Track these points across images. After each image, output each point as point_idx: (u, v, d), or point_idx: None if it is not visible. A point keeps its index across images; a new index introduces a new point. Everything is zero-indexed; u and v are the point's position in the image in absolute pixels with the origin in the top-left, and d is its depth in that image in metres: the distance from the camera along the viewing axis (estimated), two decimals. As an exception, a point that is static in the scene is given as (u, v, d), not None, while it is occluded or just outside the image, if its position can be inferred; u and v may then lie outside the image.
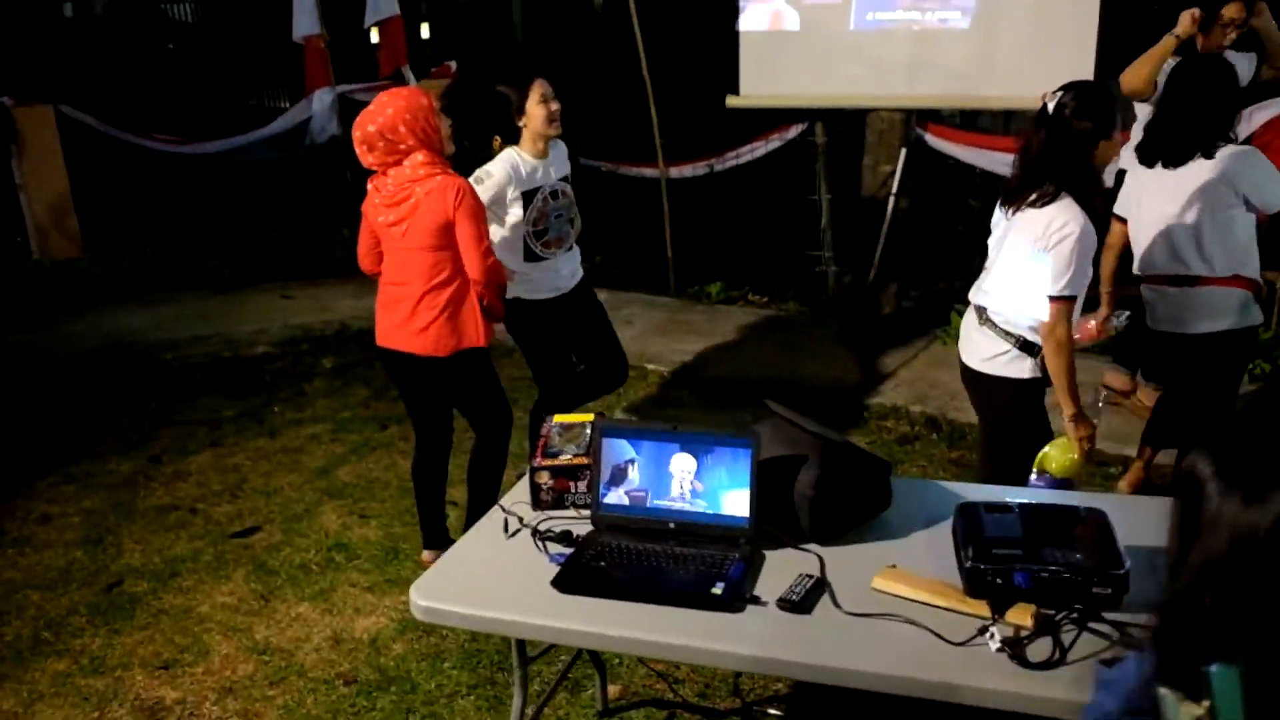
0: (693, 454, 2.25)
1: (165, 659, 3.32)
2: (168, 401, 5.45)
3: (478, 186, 3.64)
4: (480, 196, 3.64)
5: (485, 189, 3.64)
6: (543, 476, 2.44)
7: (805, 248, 6.62)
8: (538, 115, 3.70)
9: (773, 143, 6.57)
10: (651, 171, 6.92)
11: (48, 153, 7.73)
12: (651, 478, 2.29)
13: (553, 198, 3.81)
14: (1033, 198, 2.81)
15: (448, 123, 3.34)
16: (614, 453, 2.31)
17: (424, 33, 12.07)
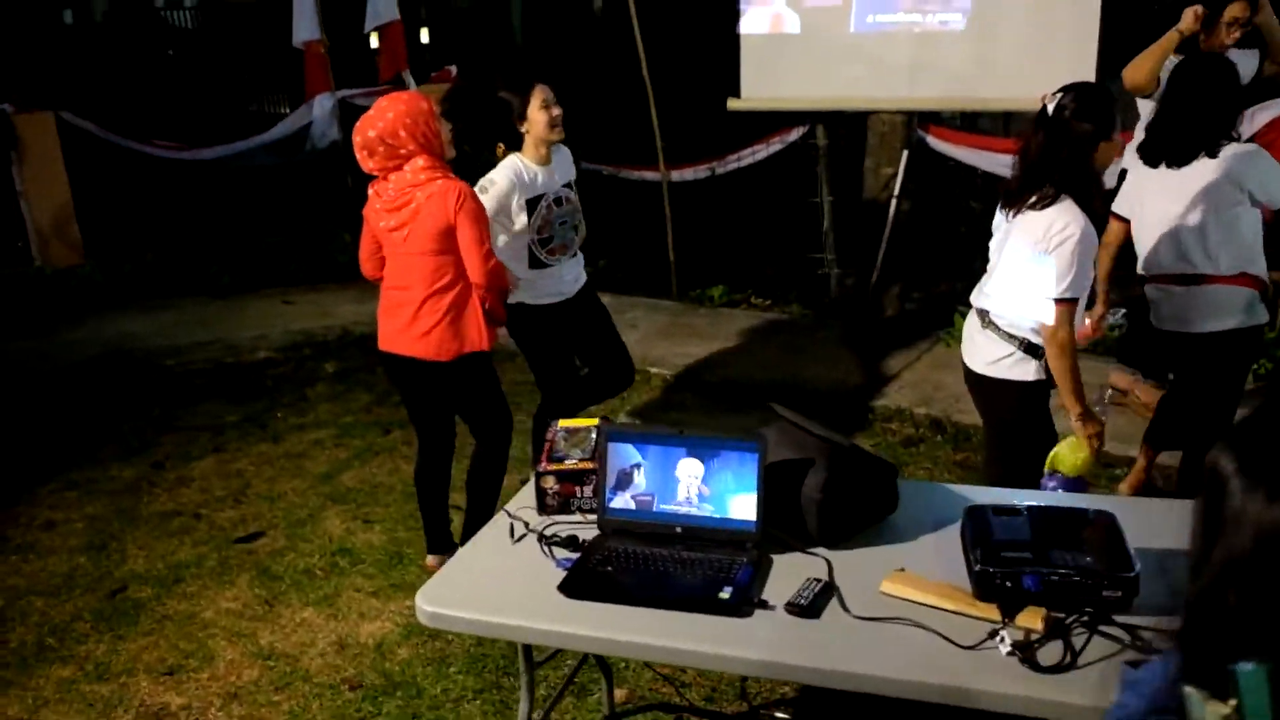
0: (699, 458, 2.25)
1: (170, 665, 3.31)
2: (170, 407, 5.45)
3: (482, 196, 3.64)
4: (485, 206, 3.64)
5: (490, 198, 3.63)
6: (548, 481, 2.43)
7: (807, 250, 6.62)
8: (539, 121, 3.69)
9: (774, 145, 6.57)
10: (653, 175, 6.92)
11: (48, 159, 7.72)
12: (658, 482, 2.29)
13: (557, 204, 3.80)
14: (1033, 200, 2.80)
15: (448, 127, 3.34)
16: (620, 457, 2.31)
17: (424, 37, 12.09)
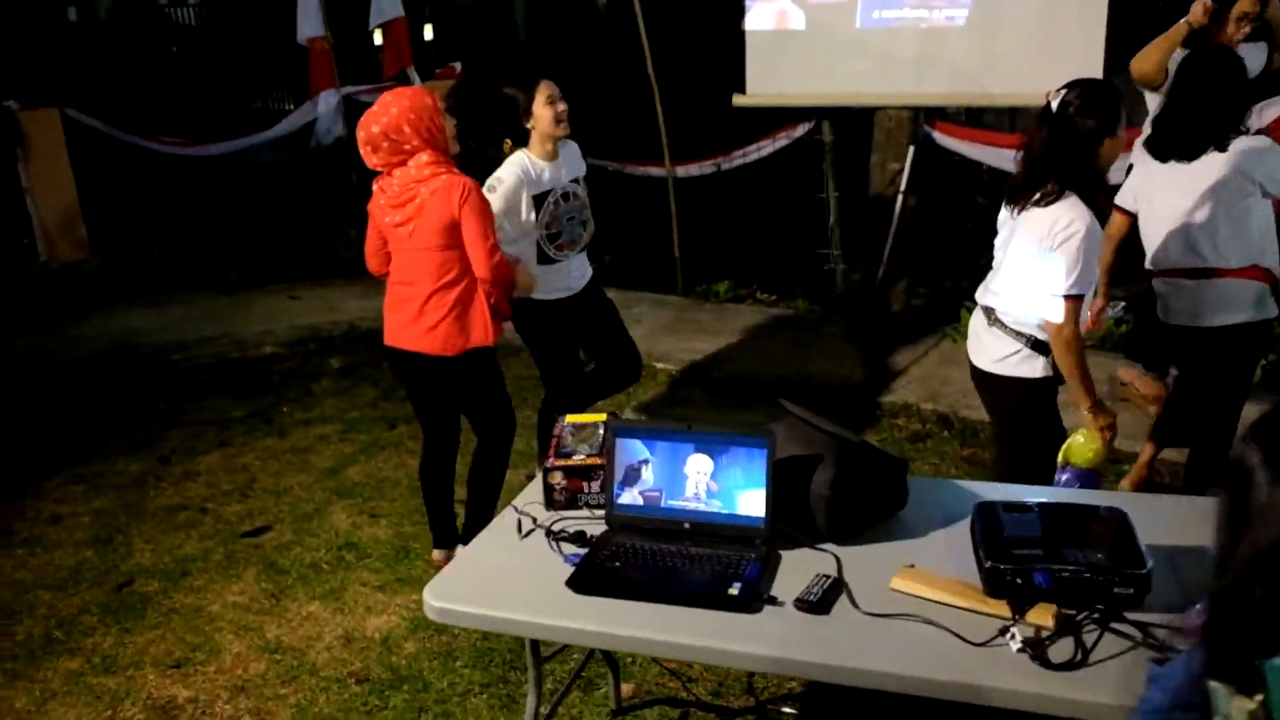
0: (708, 454, 2.24)
1: (177, 658, 3.31)
2: (176, 402, 5.45)
3: (490, 195, 3.63)
4: (494, 205, 3.62)
5: (498, 196, 3.63)
6: (556, 477, 2.43)
7: (813, 246, 6.61)
8: (545, 117, 3.69)
9: (780, 141, 6.56)
10: (658, 171, 6.91)
11: (54, 156, 7.73)
12: (666, 478, 2.28)
13: (564, 200, 3.80)
14: (1037, 197, 2.79)
15: (452, 122, 3.33)
16: (628, 453, 2.30)
17: (428, 34, 12.08)
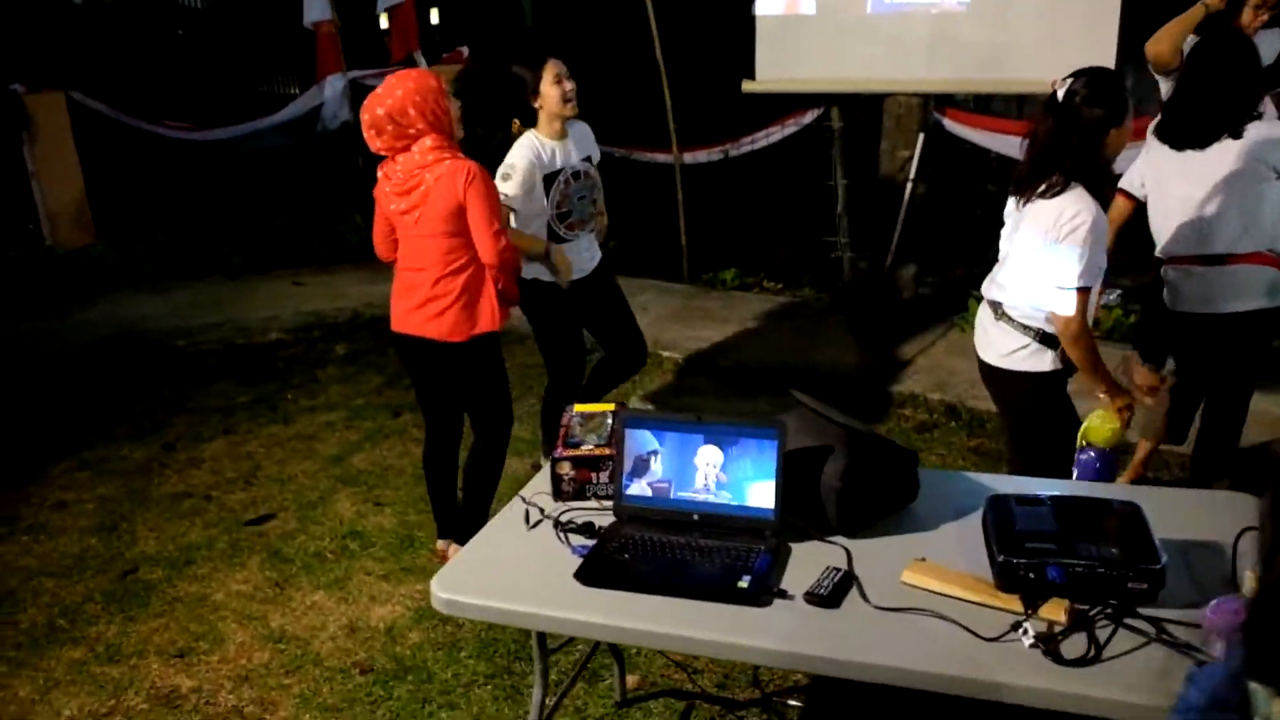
0: (718, 445, 2.21)
1: (180, 647, 3.30)
2: (181, 388, 5.44)
3: (505, 183, 3.61)
4: (512, 191, 3.61)
5: (514, 184, 3.62)
6: (564, 467, 2.40)
7: (821, 234, 6.57)
8: (552, 96, 3.66)
9: (788, 128, 6.51)
10: (665, 157, 6.88)
11: (59, 140, 7.72)
12: (675, 469, 2.25)
13: (574, 179, 3.78)
14: (1042, 188, 2.75)
15: (457, 105, 3.29)
16: (637, 443, 2.28)
17: (434, 18, 12.02)
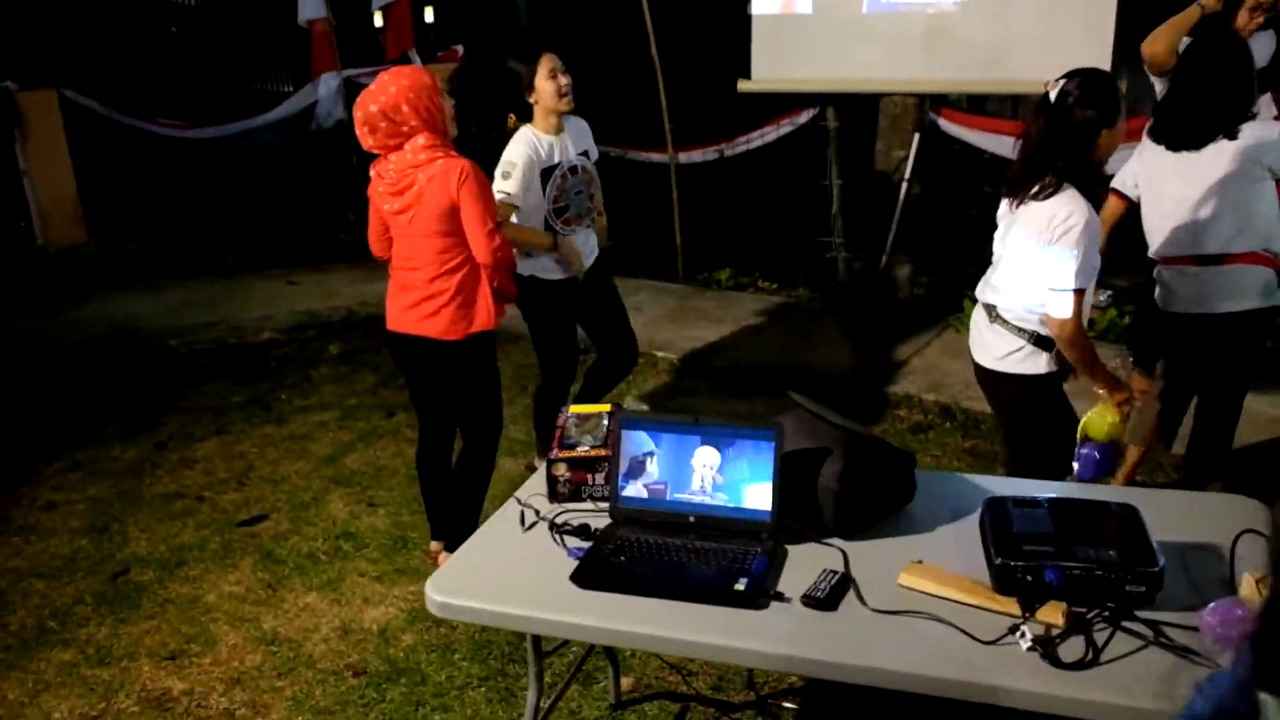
0: (715, 446, 2.20)
1: (172, 649, 3.28)
2: (173, 388, 5.42)
3: (506, 181, 3.60)
4: (514, 189, 3.59)
5: (514, 181, 3.61)
6: (560, 469, 2.39)
7: (816, 234, 6.56)
8: (547, 91, 3.66)
9: (784, 127, 6.49)
10: (660, 157, 6.87)
11: (51, 137, 7.69)
12: (671, 470, 2.24)
13: (571, 174, 3.77)
14: (1035, 190, 2.74)
15: (451, 103, 3.27)
16: (633, 445, 2.26)
17: (428, 16, 11.99)
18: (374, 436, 4.77)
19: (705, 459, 2.21)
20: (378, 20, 8.39)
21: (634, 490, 2.26)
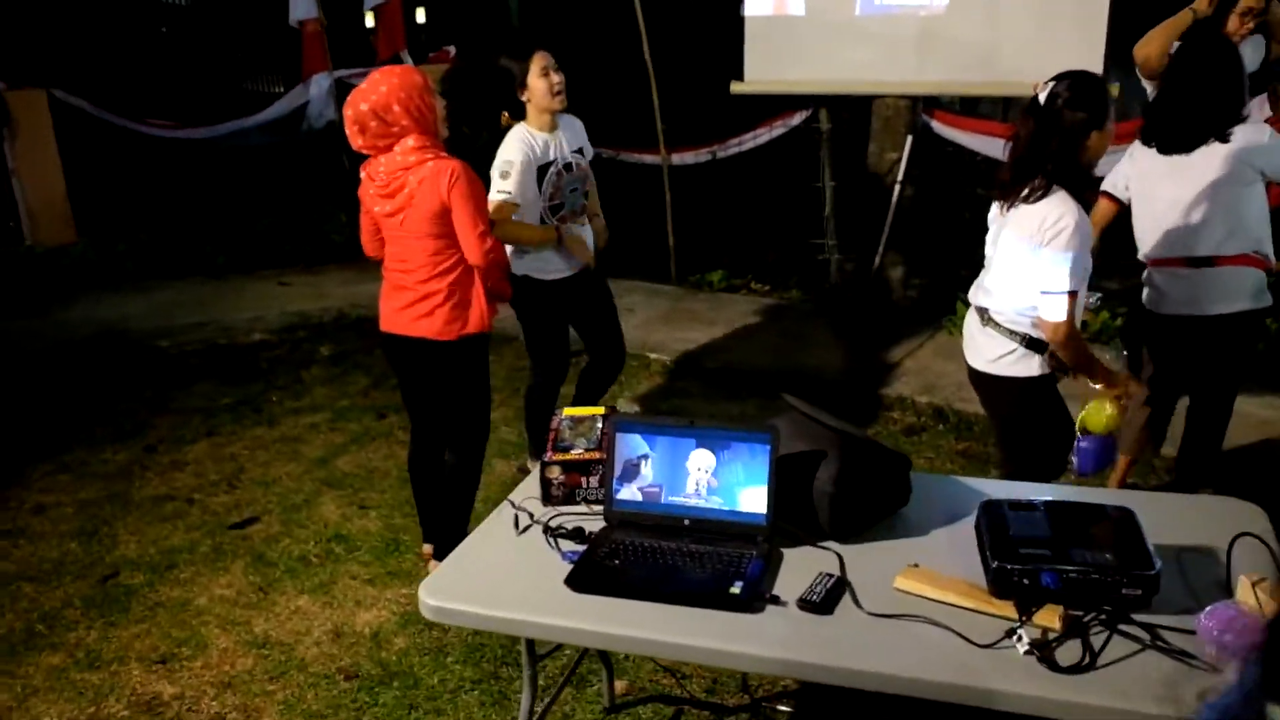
0: (710, 449, 2.19)
1: (162, 653, 3.26)
2: (163, 389, 5.38)
3: (505, 180, 3.59)
4: (514, 188, 3.58)
5: (513, 180, 3.61)
6: (554, 471, 2.38)
7: (809, 235, 6.56)
8: (539, 88, 3.65)
9: (776, 129, 6.50)
10: (653, 158, 6.86)
11: (40, 137, 7.65)
12: (666, 473, 2.23)
13: (566, 170, 3.77)
14: (1025, 193, 2.74)
15: (442, 104, 3.25)
16: (628, 447, 2.25)
17: (420, 17, 11.96)
18: (366, 438, 4.75)
19: (700, 462, 2.20)
20: (369, 21, 8.36)
21: (628, 493, 2.25)
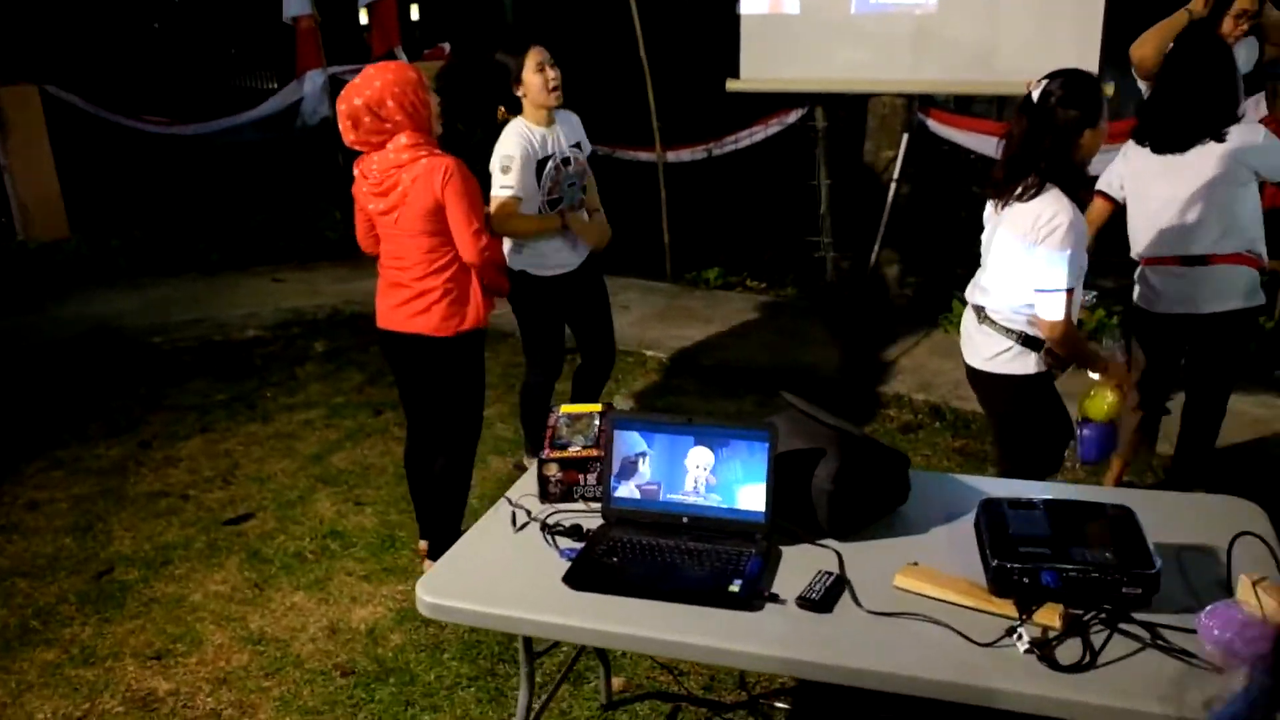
0: (709, 447, 2.19)
1: (157, 649, 3.25)
2: (157, 386, 5.37)
3: (506, 175, 3.58)
4: (515, 182, 3.57)
5: (514, 174, 3.60)
6: (551, 469, 2.37)
7: (804, 233, 6.55)
8: (534, 84, 3.64)
9: (772, 127, 6.49)
10: (648, 156, 6.85)
11: (33, 133, 7.61)
12: (664, 471, 2.23)
13: (564, 165, 3.77)
14: (1018, 191, 2.74)
15: (437, 100, 3.24)
16: (625, 445, 2.25)
17: (414, 14, 11.93)
18: (361, 435, 4.74)
19: (699, 459, 2.20)
20: (363, 17, 8.35)
21: (626, 491, 2.25)
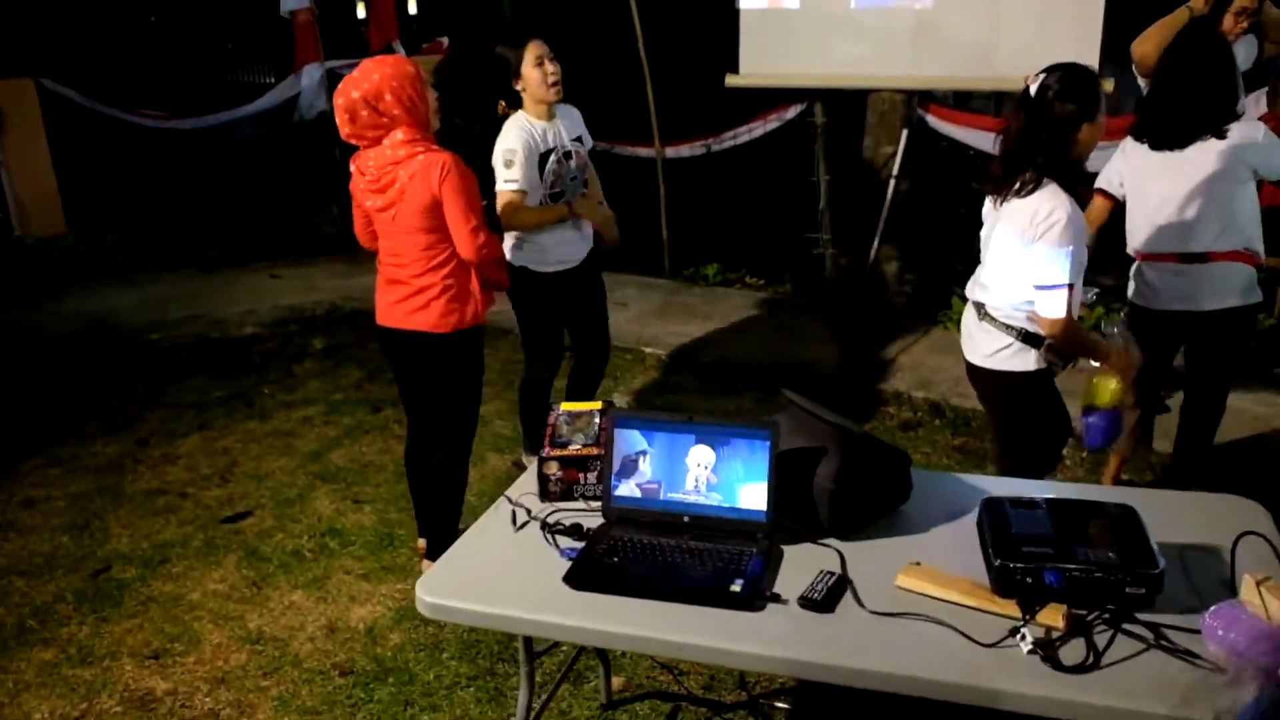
0: (710, 445, 2.17)
1: (155, 648, 3.23)
2: (155, 383, 5.35)
3: (510, 169, 3.57)
4: (519, 175, 3.57)
5: (518, 168, 3.59)
6: (551, 467, 2.36)
7: (803, 230, 6.54)
8: (533, 78, 3.63)
9: (771, 123, 6.47)
10: (647, 151, 6.82)
11: (29, 127, 7.59)
12: (665, 469, 2.21)
13: (566, 159, 3.76)
14: (1016, 187, 2.73)
15: (434, 95, 3.22)
16: (626, 443, 2.23)
17: (412, 8, 11.90)
18: (360, 432, 4.72)
19: (699, 458, 2.19)
20: (361, 11, 8.33)
21: (627, 489, 2.24)
